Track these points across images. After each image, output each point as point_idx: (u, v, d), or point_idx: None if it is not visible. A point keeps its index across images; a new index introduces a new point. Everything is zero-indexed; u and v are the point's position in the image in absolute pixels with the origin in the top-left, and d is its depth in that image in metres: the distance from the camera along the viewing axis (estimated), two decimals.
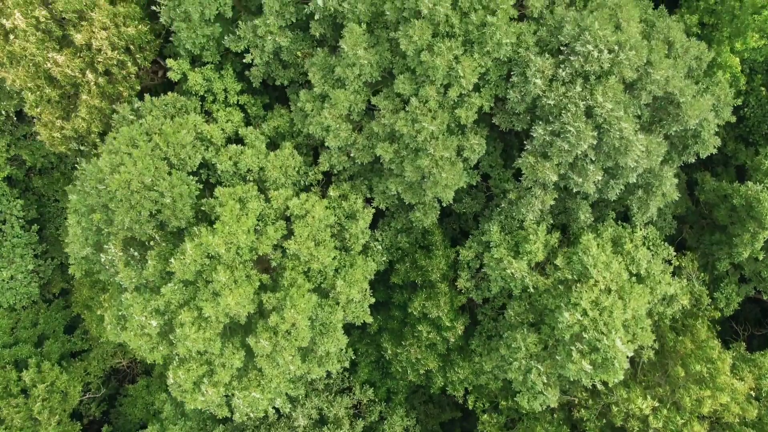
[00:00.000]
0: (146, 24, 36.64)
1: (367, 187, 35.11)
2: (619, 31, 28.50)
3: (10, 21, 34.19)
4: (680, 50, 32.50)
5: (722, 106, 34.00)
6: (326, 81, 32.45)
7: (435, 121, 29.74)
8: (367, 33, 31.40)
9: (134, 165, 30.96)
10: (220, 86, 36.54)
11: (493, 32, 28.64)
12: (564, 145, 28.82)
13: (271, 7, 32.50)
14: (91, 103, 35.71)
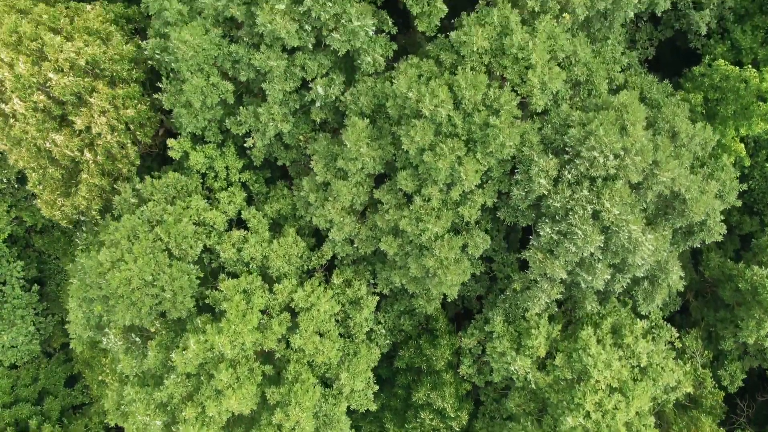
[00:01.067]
0: (146, 102, 36.38)
1: (370, 273, 34.91)
2: (625, 134, 28.24)
3: (9, 106, 33.92)
4: (685, 139, 32.30)
5: (727, 191, 33.77)
6: (329, 169, 32.22)
7: (439, 221, 29.52)
8: (370, 125, 31.16)
9: (134, 262, 30.73)
10: (221, 164, 36.27)
11: (496, 134, 28.39)
12: (571, 247, 28.61)
13: (275, 97, 32.23)
14: (91, 182, 35.48)
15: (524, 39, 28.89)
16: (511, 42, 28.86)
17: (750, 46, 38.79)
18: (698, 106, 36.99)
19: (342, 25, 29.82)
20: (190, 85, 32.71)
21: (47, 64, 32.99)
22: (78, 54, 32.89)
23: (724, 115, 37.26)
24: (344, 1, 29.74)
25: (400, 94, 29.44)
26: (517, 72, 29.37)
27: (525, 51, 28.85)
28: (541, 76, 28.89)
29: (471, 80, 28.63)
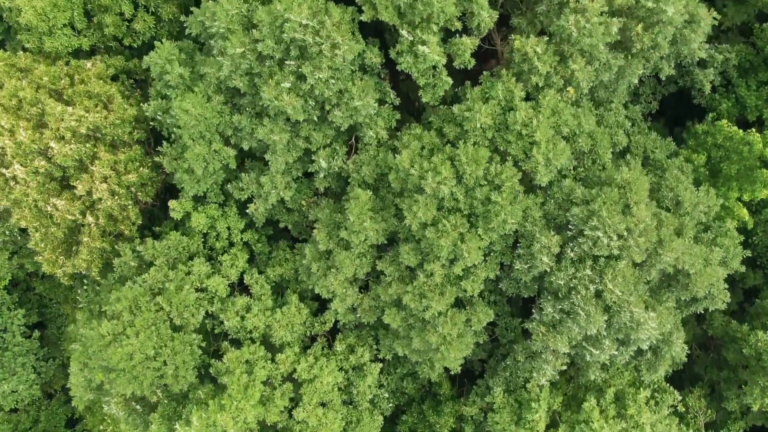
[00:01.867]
0: (148, 162, 36.25)
1: (373, 338, 34.78)
2: (628, 214, 28.09)
3: (10, 170, 33.77)
4: (689, 207, 32.16)
5: (731, 257, 33.62)
6: (331, 238, 32.07)
7: (442, 298, 29.38)
8: (372, 195, 31.03)
9: (136, 336, 30.61)
10: (223, 224, 36.11)
11: (498, 211, 28.25)
12: (574, 327, 28.49)
13: (278, 168, 32.09)
14: (92, 245, 35.35)
15: (528, 115, 28.75)
16: (514, 119, 28.72)
17: (755, 104, 38.61)
18: (701, 167, 36.82)
19: (344, 102, 29.67)
20: (191, 153, 32.57)
21: (48, 132, 32.85)
22: (79, 122, 32.74)
23: (727, 174, 37.07)
24: (346, 79, 29.60)
25: (402, 169, 29.29)
26: (521, 147, 29.21)
27: (529, 128, 28.71)
28: (545, 153, 28.74)
29: (472, 155, 28.49)
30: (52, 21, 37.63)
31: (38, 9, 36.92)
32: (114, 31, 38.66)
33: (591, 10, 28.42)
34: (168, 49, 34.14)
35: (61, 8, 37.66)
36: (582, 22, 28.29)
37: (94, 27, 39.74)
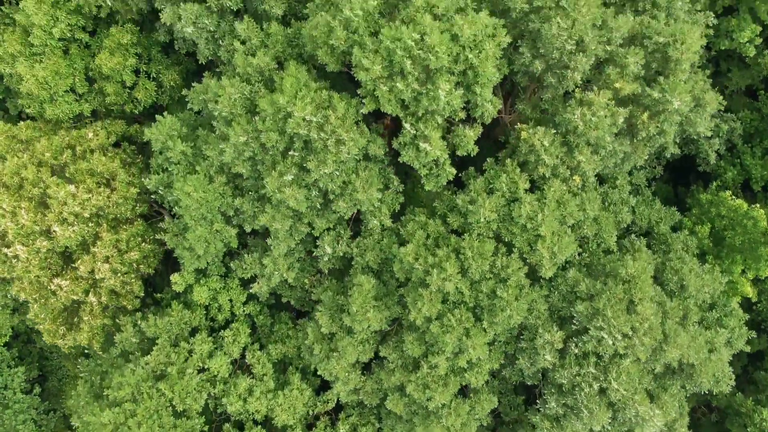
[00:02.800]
0: (150, 236, 36.07)
1: (376, 417, 34.61)
2: (633, 311, 27.89)
3: (12, 249, 33.58)
4: (693, 291, 31.97)
5: (736, 337, 33.44)
6: (334, 321, 31.87)
7: (446, 389, 29.21)
8: (376, 280, 30.83)
9: (138, 427, 30.42)
10: (225, 297, 35.95)
11: (503, 306, 28.06)
12: (578, 424, 28.32)
13: (280, 253, 31.89)
14: (93, 322, 35.18)
15: (533, 209, 28.53)
16: (519, 212, 28.51)
17: (760, 174, 38.38)
18: (705, 239, 36.60)
19: (348, 193, 29.46)
20: (193, 234, 32.40)
21: (51, 215, 32.63)
22: (83, 207, 32.50)
23: (731, 244, 36.85)
24: (350, 171, 29.39)
25: (406, 262, 29.08)
26: (525, 240, 29.02)
27: (534, 221, 28.50)
28: (550, 247, 28.53)
29: (477, 248, 28.31)
30: (54, 88, 37.48)
31: (40, 78, 36.79)
32: (115, 99, 38.47)
33: (597, 103, 28.20)
34: (169, 124, 33.98)
35: (62, 75, 37.55)
36: (588, 116, 28.07)
37: (95, 91, 39.57)
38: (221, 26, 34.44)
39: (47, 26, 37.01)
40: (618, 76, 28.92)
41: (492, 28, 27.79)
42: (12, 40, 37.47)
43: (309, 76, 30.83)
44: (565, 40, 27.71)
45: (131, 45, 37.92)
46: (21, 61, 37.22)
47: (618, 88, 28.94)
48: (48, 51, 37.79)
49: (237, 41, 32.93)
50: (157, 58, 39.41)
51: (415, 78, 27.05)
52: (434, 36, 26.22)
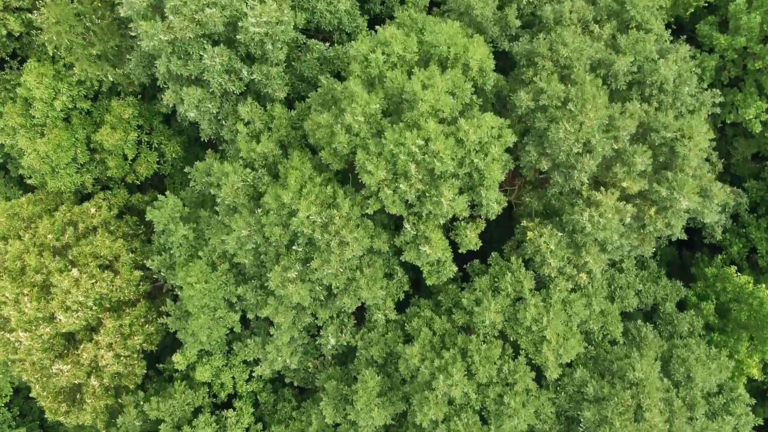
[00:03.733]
0: (152, 315, 35.84)
1: None
2: (641, 419, 27.67)
3: (14, 335, 33.34)
4: (700, 381, 31.74)
5: (743, 425, 33.23)
6: (338, 411, 31.66)
7: None
8: (381, 375, 30.61)
9: None
10: (228, 375, 35.76)
11: (510, 413, 27.86)
12: None
13: (283, 341, 31.68)
14: (96, 404, 34.96)
15: (538, 311, 28.30)
16: (524, 315, 28.27)
17: (766, 249, 38.11)
18: (710, 315, 36.36)
19: (352, 289, 29.23)
20: (195, 322, 32.18)
21: (55, 302, 32.36)
22: (86, 296, 32.26)
23: (737, 319, 36.62)
24: (354, 268, 29.14)
25: (412, 363, 28.86)
26: (531, 340, 28.79)
27: (539, 323, 28.26)
28: (555, 349, 28.30)
29: (485, 352, 28.11)
30: (55, 161, 37.21)
31: (41, 153, 36.52)
32: (117, 172, 38.22)
33: (605, 204, 27.94)
34: (171, 205, 33.75)
35: (64, 148, 37.26)
36: (596, 217, 27.81)
37: (96, 161, 39.30)
38: (224, 107, 34.16)
39: (48, 99, 36.74)
40: (625, 175, 28.65)
41: (498, 129, 27.52)
42: (13, 113, 37.20)
43: (312, 165, 30.58)
44: (572, 143, 27.43)
45: (133, 118, 37.64)
46: (22, 134, 36.97)
47: (626, 187, 28.67)
48: (49, 122, 37.53)
49: (240, 123, 32.68)
50: (159, 129, 39.12)
51: (419, 180, 26.79)
52: (439, 142, 25.96)
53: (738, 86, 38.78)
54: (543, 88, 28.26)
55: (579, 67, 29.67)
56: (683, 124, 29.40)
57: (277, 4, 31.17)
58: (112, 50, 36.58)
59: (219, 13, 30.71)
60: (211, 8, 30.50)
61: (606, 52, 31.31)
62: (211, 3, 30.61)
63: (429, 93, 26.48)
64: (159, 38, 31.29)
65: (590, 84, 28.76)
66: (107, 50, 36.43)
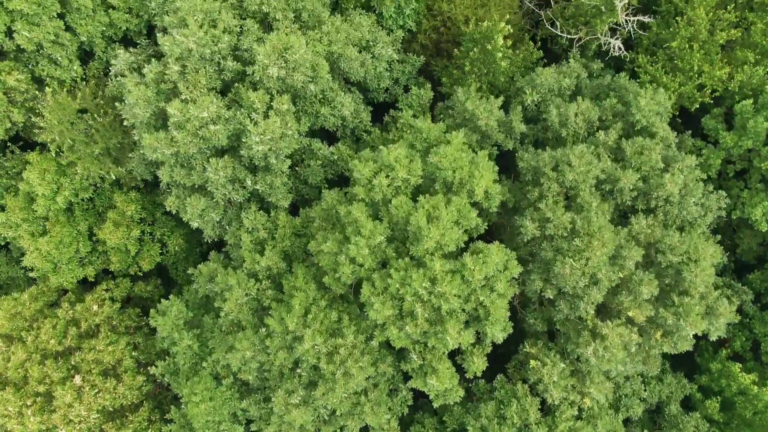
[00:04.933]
0: (156, 417, 35.77)
1: None
2: None
3: None
4: None
5: None
6: None
7: None
8: None
9: None
10: None
11: None
12: None
13: None
14: None
15: None
16: None
17: None
18: (715, 414, 36.29)
19: (356, 413, 29.15)
20: None
21: (57, 416, 32.27)
22: (89, 410, 32.19)
23: (742, 415, 36.56)
24: (359, 394, 29.07)
25: None
26: None
27: None
28: None
29: None
30: (57, 258, 37.08)
31: (43, 252, 36.39)
32: (119, 266, 38.10)
33: (611, 338, 27.80)
34: (175, 312, 33.67)
35: (66, 244, 37.12)
36: (601, 351, 27.69)
37: (99, 252, 39.18)
38: (228, 212, 34.02)
39: (50, 194, 36.57)
40: (631, 303, 28.51)
41: (504, 263, 27.36)
42: (15, 207, 37.04)
43: (317, 281, 30.45)
44: (579, 278, 27.28)
45: (136, 212, 37.47)
46: (24, 229, 36.82)
47: (632, 316, 28.54)
48: (51, 214, 37.37)
49: (245, 233, 32.55)
50: (162, 221, 38.97)
51: (425, 319, 26.68)
52: (445, 283, 25.81)
53: (744, 178, 38.57)
54: (549, 217, 28.10)
55: (585, 189, 29.49)
56: (690, 246, 29.24)
57: (280, 117, 31.00)
58: (115, 147, 36.41)
59: (223, 129, 30.54)
60: (215, 125, 30.32)
61: (612, 167, 31.12)
62: (214, 119, 30.41)
63: (434, 229, 26.30)
64: (162, 152, 31.12)
65: (597, 210, 28.61)
66: (110, 147, 36.25)
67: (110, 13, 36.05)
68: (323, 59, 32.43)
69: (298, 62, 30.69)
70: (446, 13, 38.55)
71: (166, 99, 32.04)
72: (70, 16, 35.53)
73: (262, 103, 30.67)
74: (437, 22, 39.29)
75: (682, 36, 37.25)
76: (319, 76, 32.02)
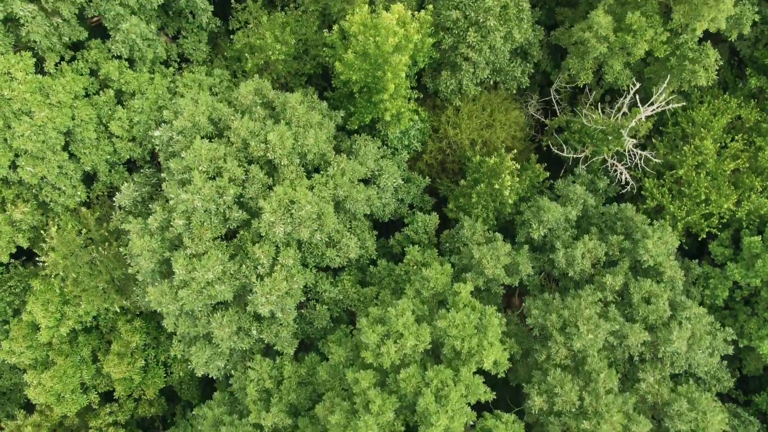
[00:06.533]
0: None
1: None
2: None
3: None
4: None
5: None
6: None
7: None
8: None
9: None
10: None
11: None
12: None
13: None
14: None
15: None
16: None
17: None
18: None
19: None
20: None
21: None
22: None
23: None
24: None
25: None
26: None
27: None
28: None
29: None
30: (61, 390, 36.94)
31: (47, 387, 36.24)
32: (123, 393, 37.96)
33: None
34: None
35: (69, 375, 36.97)
36: None
37: (102, 376, 39.03)
38: (233, 356, 33.87)
39: (54, 324, 36.41)
40: None
41: None
42: (18, 336, 36.87)
43: None
44: None
45: (140, 340, 37.31)
46: (27, 362, 36.69)
47: None
48: (55, 341, 37.21)
49: (250, 382, 32.42)
50: (166, 345, 38.80)
51: None
52: None
53: (751, 303, 38.35)
54: (557, 392, 27.95)
55: (593, 355, 29.34)
56: (698, 414, 29.08)
57: (286, 271, 30.82)
58: (120, 277, 36.22)
59: (228, 287, 30.36)
60: (219, 285, 30.14)
61: (620, 321, 30.97)
62: (220, 278, 30.23)
63: (443, 416, 26.14)
64: (167, 306, 30.95)
65: (605, 379, 28.45)
66: (114, 277, 36.07)
67: (114, 141, 35.83)
68: (329, 204, 32.24)
69: (304, 217, 30.49)
70: (452, 138, 38.34)
71: (170, 248, 31.85)
72: (74, 146, 35.32)
73: (267, 257, 30.49)
74: (442, 145, 39.08)
75: (689, 164, 37.06)
76: (325, 224, 31.82)
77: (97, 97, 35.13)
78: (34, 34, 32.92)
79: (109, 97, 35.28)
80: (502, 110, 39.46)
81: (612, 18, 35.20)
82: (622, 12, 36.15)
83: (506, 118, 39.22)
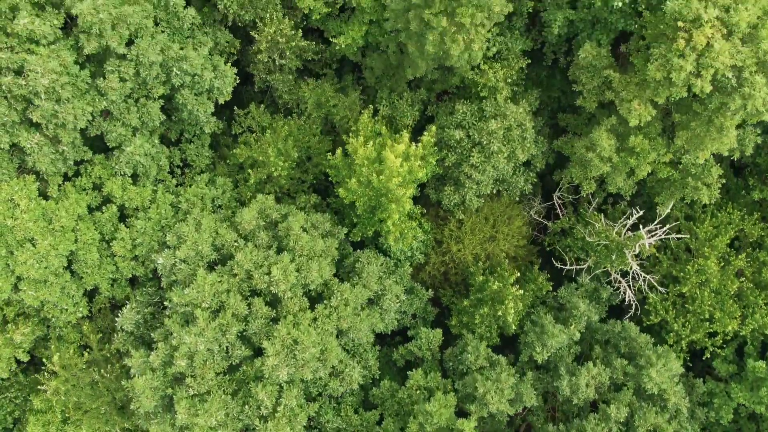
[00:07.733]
0: None
1: None
2: None
3: None
4: None
5: None
6: None
7: None
8: None
9: None
10: None
11: None
12: None
13: None
14: None
15: None
16: None
17: None
18: None
19: None
20: None
21: None
22: None
23: None
24: None
25: None
26: None
27: None
28: None
29: None
30: None
31: None
32: None
33: None
34: None
35: None
36: None
37: None
38: None
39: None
40: None
41: None
42: None
43: None
44: None
45: None
46: None
47: None
48: None
49: None
50: None
51: None
52: None
53: (756, 421, 38.19)
54: None
55: None
56: None
57: (290, 411, 30.70)
58: (122, 398, 36.06)
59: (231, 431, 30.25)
60: (222, 430, 29.99)
61: None
62: (222, 423, 30.09)
63: None
64: None
65: None
66: (116, 398, 35.91)
67: (116, 260, 35.72)
68: (332, 337, 32.14)
69: (308, 359, 30.38)
70: (455, 253, 38.27)
71: (172, 383, 31.72)
72: (76, 266, 35.20)
73: (270, 398, 30.37)
74: (446, 258, 39.01)
75: (692, 282, 36.96)
76: (329, 359, 31.69)
77: (100, 214, 35.03)
78: (40, 163, 32.87)
79: (112, 213, 35.21)
80: (504, 220, 39.38)
81: (615, 137, 35.09)
82: (624, 131, 36.12)
83: (509, 230, 39.14)
